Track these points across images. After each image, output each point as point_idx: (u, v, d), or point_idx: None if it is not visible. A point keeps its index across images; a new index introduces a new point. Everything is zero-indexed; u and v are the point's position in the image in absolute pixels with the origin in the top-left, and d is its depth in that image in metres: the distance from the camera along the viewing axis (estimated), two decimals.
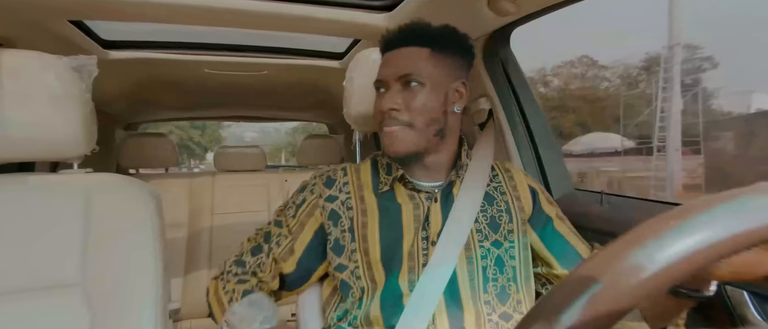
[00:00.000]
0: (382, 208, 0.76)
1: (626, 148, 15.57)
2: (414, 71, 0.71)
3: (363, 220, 0.76)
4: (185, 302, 1.87)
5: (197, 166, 17.01)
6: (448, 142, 0.77)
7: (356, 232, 0.75)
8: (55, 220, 0.73)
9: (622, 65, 23.08)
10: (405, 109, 0.71)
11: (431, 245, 0.73)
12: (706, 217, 0.23)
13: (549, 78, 24.44)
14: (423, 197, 0.76)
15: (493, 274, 0.73)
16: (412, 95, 0.71)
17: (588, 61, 24.12)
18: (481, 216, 0.75)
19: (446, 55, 0.74)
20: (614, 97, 20.92)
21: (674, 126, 10.72)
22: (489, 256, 0.73)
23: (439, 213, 0.75)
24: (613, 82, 23.50)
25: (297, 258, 0.79)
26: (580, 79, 24.36)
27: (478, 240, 0.74)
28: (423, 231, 0.74)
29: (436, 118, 0.72)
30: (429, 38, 0.73)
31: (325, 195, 0.79)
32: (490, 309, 0.71)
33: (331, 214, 0.77)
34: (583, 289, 0.23)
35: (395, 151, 0.72)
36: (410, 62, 0.72)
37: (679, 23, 11.17)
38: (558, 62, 24.78)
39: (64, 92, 0.74)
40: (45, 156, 0.77)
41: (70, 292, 0.71)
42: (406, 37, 0.74)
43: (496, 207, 0.77)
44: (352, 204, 0.77)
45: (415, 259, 0.72)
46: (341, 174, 0.81)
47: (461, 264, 0.72)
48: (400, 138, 0.71)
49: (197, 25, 1.09)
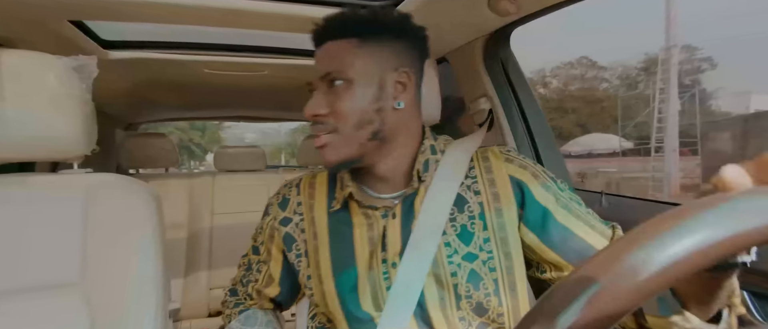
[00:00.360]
0: (333, 231, 0.68)
1: (624, 148, 15.60)
2: (336, 68, 0.61)
3: (315, 244, 0.69)
4: (185, 302, 1.87)
5: (197, 167, 17.03)
6: (396, 144, 0.65)
7: (311, 257, 0.69)
8: (55, 220, 0.73)
9: (621, 66, 23.10)
10: (331, 112, 0.61)
11: (392, 267, 0.63)
12: (706, 217, 0.23)
13: (548, 79, 24.45)
14: (378, 215, 0.66)
15: (466, 292, 0.62)
16: (337, 96, 0.61)
17: (587, 62, 24.15)
18: (450, 227, 0.63)
19: (378, 41, 0.62)
20: (613, 97, 20.99)
21: (672, 127, 10.83)
22: (460, 273, 0.62)
23: (397, 232, 0.64)
24: (613, 83, 23.53)
25: (277, 281, 0.78)
26: (580, 79, 24.38)
27: (447, 255, 0.62)
28: (382, 252, 0.64)
29: (369, 119, 0.61)
30: (354, 26, 0.62)
31: (279, 217, 0.73)
32: (467, 324, 0.63)
33: (285, 238, 0.73)
34: (582, 289, 0.23)
35: (326, 162, 0.63)
36: (333, 58, 0.62)
37: (676, 25, 11.16)
38: (557, 63, 24.79)
39: (64, 92, 0.74)
40: (45, 156, 0.77)
41: (69, 292, 0.71)
42: (330, 29, 0.63)
43: (467, 212, 0.64)
44: (305, 227, 0.71)
45: (376, 286, 0.64)
46: (294, 192, 0.74)
47: (429, 285, 0.62)
48: (328, 146, 0.62)
49: (197, 25, 1.09)
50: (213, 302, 1.94)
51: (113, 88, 1.66)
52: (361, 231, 0.66)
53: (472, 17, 1.01)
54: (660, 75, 12.08)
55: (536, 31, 19.50)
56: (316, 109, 0.61)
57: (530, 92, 1.21)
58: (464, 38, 1.15)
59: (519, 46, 1.19)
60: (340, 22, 0.63)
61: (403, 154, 0.66)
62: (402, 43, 0.64)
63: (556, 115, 22.47)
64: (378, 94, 0.62)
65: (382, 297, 0.64)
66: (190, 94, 2.01)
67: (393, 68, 0.63)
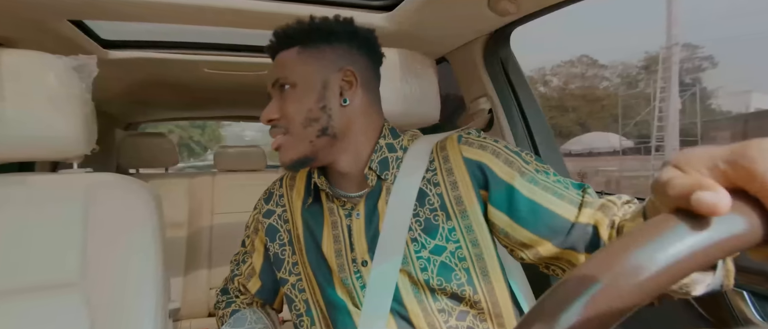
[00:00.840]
0: (306, 227, 0.73)
1: (625, 147, 15.65)
2: (282, 74, 0.66)
3: (297, 233, 0.74)
4: (185, 302, 1.87)
5: (199, 160, 17.12)
6: (351, 140, 0.68)
7: (296, 245, 0.74)
8: (54, 220, 0.73)
9: (622, 64, 23.09)
10: (281, 116, 0.66)
11: (362, 266, 0.67)
12: (707, 217, 0.23)
13: (548, 77, 24.43)
14: (343, 214, 0.70)
15: (439, 285, 0.64)
16: (284, 99, 0.66)
17: (587, 61, 24.12)
18: (414, 222, 0.65)
19: (317, 47, 0.67)
20: (613, 96, 21.01)
21: (672, 125, 10.92)
22: (430, 268, 0.64)
23: (362, 231, 0.68)
24: (613, 82, 23.52)
25: (258, 274, 0.81)
26: (580, 78, 24.36)
27: (415, 250, 0.64)
28: (351, 252, 0.68)
29: (315, 117, 0.64)
30: (294, 36, 0.67)
31: (263, 210, 0.79)
32: (446, 315, 0.65)
33: (268, 229, 0.77)
34: (583, 289, 0.23)
35: (282, 162, 0.66)
36: (279, 66, 0.67)
37: (678, 23, 11.18)
38: (557, 62, 24.78)
39: (64, 92, 0.74)
40: (45, 156, 0.77)
41: (69, 292, 0.71)
42: (278, 42, 0.69)
43: (428, 206, 0.66)
44: (288, 217, 0.76)
45: (349, 284, 0.67)
46: (278, 186, 0.80)
47: (403, 282, 0.65)
48: (282, 147, 0.66)
49: (197, 25, 1.09)
50: (213, 301, 1.94)
51: (113, 87, 1.66)
52: (328, 230, 0.70)
53: (472, 17, 1.01)
54: (661, 73, 12.12)
55: (536, 31, 19.46)
56: (269, 114, 0.66)
57: (530, 92, 1.21)
58: (464, 38, 1.15)
59: (519, 45, 1.19)
60: (284, 34, 0.68)
61: (360, 150, 0.68)
62: (344, 47, 0.68)
63: (556, 113, 22.46)
64: (322, 94, 0.65)
65: (357, 295, 0.67)
66: (189, 94, 2.00)
67: (337, 69, 0.66)
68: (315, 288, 0.72)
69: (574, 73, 23.99)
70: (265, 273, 0.81)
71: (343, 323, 0.68)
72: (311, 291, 0.73)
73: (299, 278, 0.74)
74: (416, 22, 1.02)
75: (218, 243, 1.97)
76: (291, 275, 0.75)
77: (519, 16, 0.98)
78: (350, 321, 0.68)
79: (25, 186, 0.76)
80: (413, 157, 0.68)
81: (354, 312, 0.67)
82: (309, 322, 0.73)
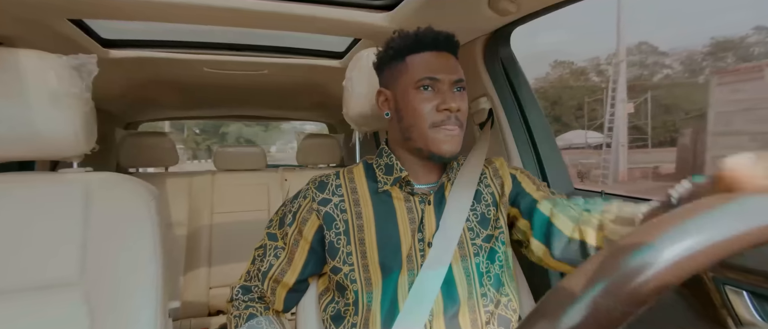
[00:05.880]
0: (378, 211, 0.77)
1: (591, 143, 18.86)
2: (462, 76, 0.76)
3: (359, 223, 0.76)
4: (185, 301, 1.87)
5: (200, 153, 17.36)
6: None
7: (352, 235, 0.76)
8: (54, 219, 0.73)
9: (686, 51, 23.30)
10: (462, 111, 0.75)
11: (427, 246, 0.75)
12: (707, 218, 0.23)
13: (603, 67, 24.44)
14: (417, 200, 0.78)
15: (486, 268, 0.76)
16: (463, 98, 0.76)
17: (647, 49, 24.36)
18: (472, 215, 0.78)
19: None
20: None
21: (621, 127, 13.71)
22: (481, 253, 0.76)
23: (432, 216, 0.77)
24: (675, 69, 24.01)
25: (298, 266, 0.79)
26: (638, 66, 24.47)
27: (470, 237, 0.77)
28: (419, 233, 0.76)
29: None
30: (452, 46, 0.77)
31: (318, 198, 0.79)
32: (487, 300, 0.74)
33: (325, 217, 0.77)
34: (583, 290, 0.23)
35: (451, 152, 0.73)
36: (458, 68, 0.76)
37: (624, 44, 14.28)
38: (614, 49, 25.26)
39: (64, 91, 0.74)
40: (45, 155, 0.77)
41: (69, 291, 0.71)
42: (448, 43, 0.76)
43: (484, 202, 0.80)
44: (346, 207, 0.78)
45: (413, 261, 0.74)
46: (334, 178, 0.82)
47: (456, 263, 0.75)
48: (457, 138, 0.74)
49: (197, 24, 1.09)
50: (213, 301, 1.94)
51: (113, 86, 1.66)
52: (403, 212, 0.77)
53: (472, 17, 1.01)
54: (611, 84, 14.53)
55: (588, 17, 19.52)
56: (460, 105, 0.74)
57: (530, 91, 1.21)
58: (464, 38, 1.15)
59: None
60: (451, 39, 0.77)
61: None
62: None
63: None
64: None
65: (415, 275, 0.73)
66: (189, 93, 2.01)
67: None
68: (376, 273, 0.74)
69: (631, 61, 23.48)
70: (308, 264, 0.79)
71: (394, 308, 0.71)
72: (365, 279, 0.74)
73: (352, 268, 0.75)
74: (416, 21, 1.02)
75: (218, 242, 1.98)
76: (345, 265, 0.75)
77: (519, 16, 0.98)
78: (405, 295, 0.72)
79: (25, 186, 0.76)
80: (472, 160, 0.84)
81: (405, 297, 0.72)
82: (362, 309, 0.73)
